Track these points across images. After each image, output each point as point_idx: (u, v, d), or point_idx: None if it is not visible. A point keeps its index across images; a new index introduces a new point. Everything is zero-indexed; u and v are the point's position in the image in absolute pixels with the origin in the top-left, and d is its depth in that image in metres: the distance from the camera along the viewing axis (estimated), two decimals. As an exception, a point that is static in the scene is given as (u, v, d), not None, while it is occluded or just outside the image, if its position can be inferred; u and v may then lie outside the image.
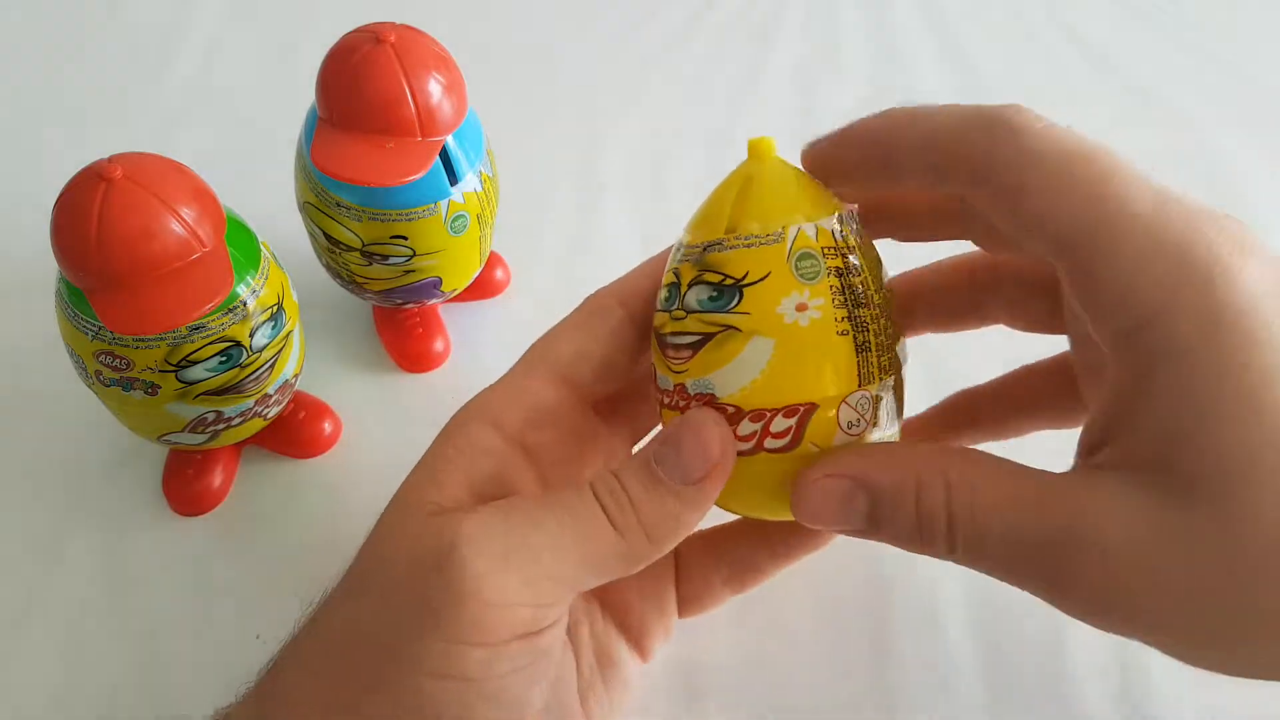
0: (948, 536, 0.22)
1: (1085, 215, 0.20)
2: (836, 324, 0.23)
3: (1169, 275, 0.20)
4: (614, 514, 0.23)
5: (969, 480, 0.22)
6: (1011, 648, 0.32)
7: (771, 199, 0.24)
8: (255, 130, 0.49)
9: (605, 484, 0.23)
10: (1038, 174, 0.21)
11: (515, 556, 0.22)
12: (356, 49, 0.32)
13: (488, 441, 0.25)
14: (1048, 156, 0.21)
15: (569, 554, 0.23)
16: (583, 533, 0.23)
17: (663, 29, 0.58)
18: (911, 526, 0.23)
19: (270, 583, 0.34)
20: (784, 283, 0.23)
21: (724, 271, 0.24)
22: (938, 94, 0.53)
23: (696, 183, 0.49)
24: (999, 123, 0.22)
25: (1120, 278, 0.20)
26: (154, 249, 0.28)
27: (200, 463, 0.36)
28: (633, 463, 0.24)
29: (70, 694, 0.32)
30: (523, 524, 0.23)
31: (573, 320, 0.27)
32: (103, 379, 0.31)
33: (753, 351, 0.23)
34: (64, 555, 0.35)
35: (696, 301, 0.24)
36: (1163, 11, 0.58)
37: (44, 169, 0.35)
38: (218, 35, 0.57)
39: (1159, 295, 0.20)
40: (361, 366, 0.41)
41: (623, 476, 0.23)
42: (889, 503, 0.23)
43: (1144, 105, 0.52)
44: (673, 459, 0.23)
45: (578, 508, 0.23)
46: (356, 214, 0.34)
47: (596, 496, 0.23)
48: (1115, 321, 0.21)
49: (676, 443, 0.23)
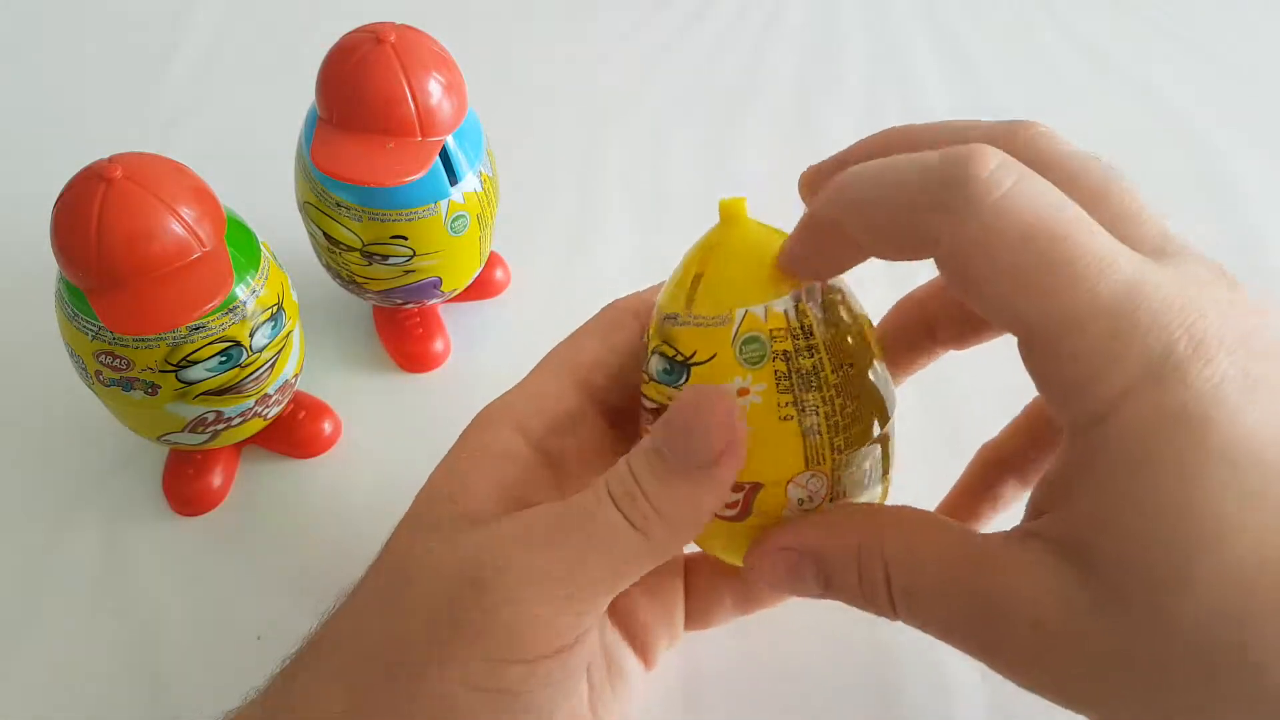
0: (889, 602, 0.22)
1: (1041, 306, 0.20)
2: (780, 409, 0.23)
3: (1125, 375, 0.19)
4: (630, 512, 0.22)
5: (904, 546, 0.22)
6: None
7: (728, 276, 0.24)
8: (255, 130, 0.49)
9: (619, 482, 0.23)
10: (997, 260, 0.20)
11: (551, 570, 0.22)
12: (356, 49, 0.32)
13: (513, 446, 0.25)
14: (1008, 236, 0.19)
15: (598, 561, 0.22)
16: (606, 538, 0.22)
17: (663, 29, 0.58)
18: (856, 593, 0.23)
19: (270, 583, 0.34)
20: (728, 366, 0.23)
21: (677, 347, 0.24)
22: (938, 94, 0.53)
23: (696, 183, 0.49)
24: (957, 196, 0.20)
25: (1076, 371, 0.20)
26: (154, 249, 0.28)
27: (200, 463, 0.36)
28: (641, 452, 0.23)
29: (70, 694, 0.32)
30: (553, 535, 0.22)
31: (591, 329, 0.27)
32: (103, 379, 0.31)
33: None
34: (64, 555, 0.35)
35: (656, 371, 0.25)
36: (1163, 12, 0.58)
37: (44, 169, 0.35)
38: (218, 35, 0.57)
39: (1112, 394, 0.19)
40: (361, 366, 0.41)
41: (634, 468, 0.23)
42: (833, 571, 0.23)
43: (1144, 105, 0.52)
44: (680, 444, 0.23)
45: (597, 512, 0.23)
46: (356, 214, 0.34)
47: (612, 497, 0.23)
48: (1068, 413, 0.20)
49: (681, 426, 0.23)
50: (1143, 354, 0.19)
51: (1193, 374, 0.19)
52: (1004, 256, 0.19)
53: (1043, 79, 0.54)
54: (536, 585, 0.22)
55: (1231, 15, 0.59)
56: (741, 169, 0.49)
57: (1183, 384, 0.19)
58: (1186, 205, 0.47)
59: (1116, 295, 0.19)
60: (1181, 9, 0.59)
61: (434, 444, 0.26)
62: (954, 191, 0.20)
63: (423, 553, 0.23)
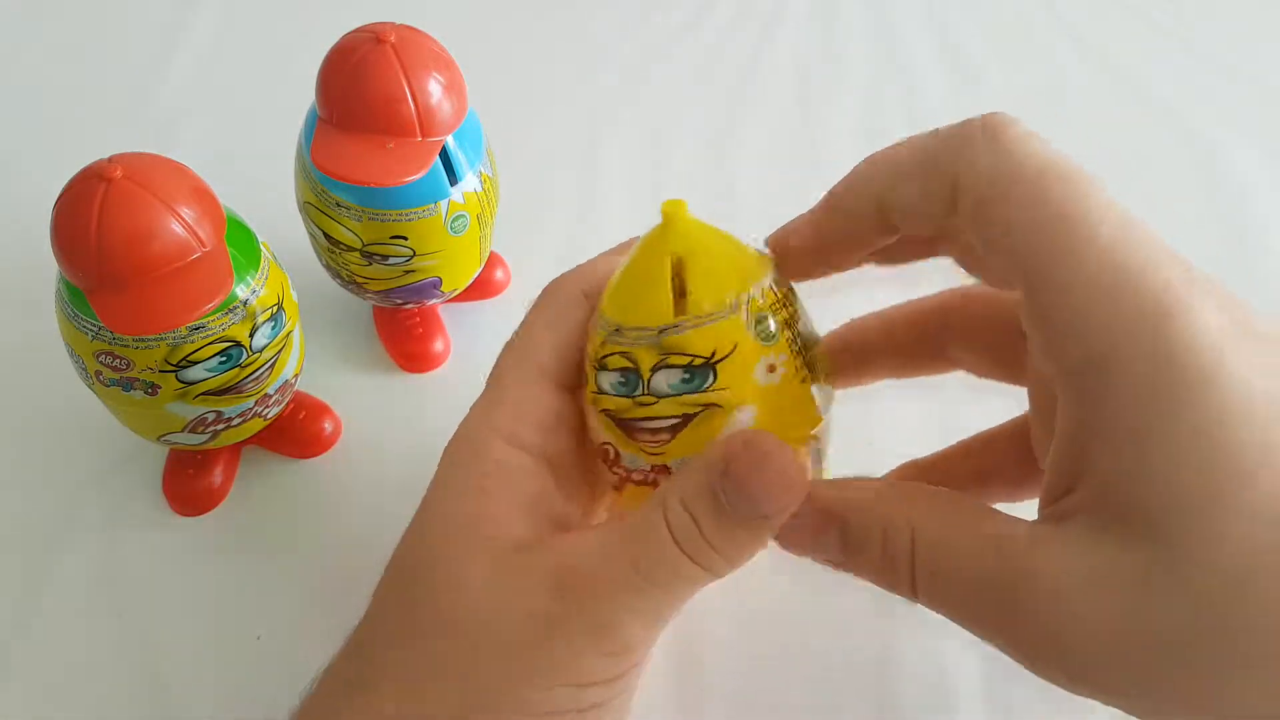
0: (910, 580, 0.22)
1: (1049, 233, 0.20)
2: (797, 373, 0.24)
3: (1123, 312, 0.19)
4: (693, 552, 0.23)
5: (936, 523, 0.22)
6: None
7: (713, 273, 0.24)
8: (255, 130, 0.49)
9: (678, 518, 0.23)
10: (1012, 183, 0.21)
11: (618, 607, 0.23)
12: (356, 49, 0.32)
13: (514, 459, 0.25)
14: (1025, 167, 0.21)
15: (661, 592, 0.23)
16: (670, 570, 0.23)
17: (663, 29, 0.58)
18: (877, 566, 0.23)
19: (270, 583, 0.34)
20: (751, 351, 0.24)
21: (690, 353, 0.23)
22: (938, 93, 0.53)
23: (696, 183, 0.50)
24: (977, 136, 0.21)
25: (1075, 309, 0.20)
26: (154, 249, 0.28)
27: (200, 463, 0.36)
28: (699, 497, 0.23)
29: (70, 694, 0.32)
30: (614, 566, 0.23)
31: (542, 317, 0.27)
32: (103, 379, 0.31)
33: (738, 421, 0.24)
34: (64, 555, 0.35)
35: (668, 385, 0.24)
36: (1163, 12, 0.58)
37: (44, 169, 0.35)
38: (218, 35, 0.57)
39: (1112, 332, 0.19)
40: (361, 366, 0.41)
41: (694, 511, 0.23)
42: (855, 541, 0.23)
43: (1144, 105, 0.52)
44: (739, 495, 0.23)
45: (657, 546, 0.23)
46: (356, 214, 0.34)
47: (670, 531, 0.23)
48: (1067, 355, 0.20)
49: (740, 479, 0.23)
50: (1139, 294, 0.19)
51: (1190, 308, 0.19)
52: (1024, 177, 0.20)
53: (1043, 79, 0.54)
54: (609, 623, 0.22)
55: (1231, 15, 0.59)
56: (741, 169, 0.49)
57: (1179, 321, 0.19)
58: (1187, 205, 0.47)
59: (1117, 232, 0.20)
60: (1181, 9, 0.59)
61: (434, 444, 0.26)
62: (973, 135, 0.21)
63: (470, 588, 0.23)
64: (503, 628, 0.23)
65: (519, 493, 0.24)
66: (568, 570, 0.23)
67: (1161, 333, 0.19)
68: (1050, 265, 0.20)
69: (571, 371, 0.26)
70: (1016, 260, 0.21)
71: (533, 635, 0.22)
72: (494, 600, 0.23)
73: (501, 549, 0.23)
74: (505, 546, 0.23)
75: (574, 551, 0.23)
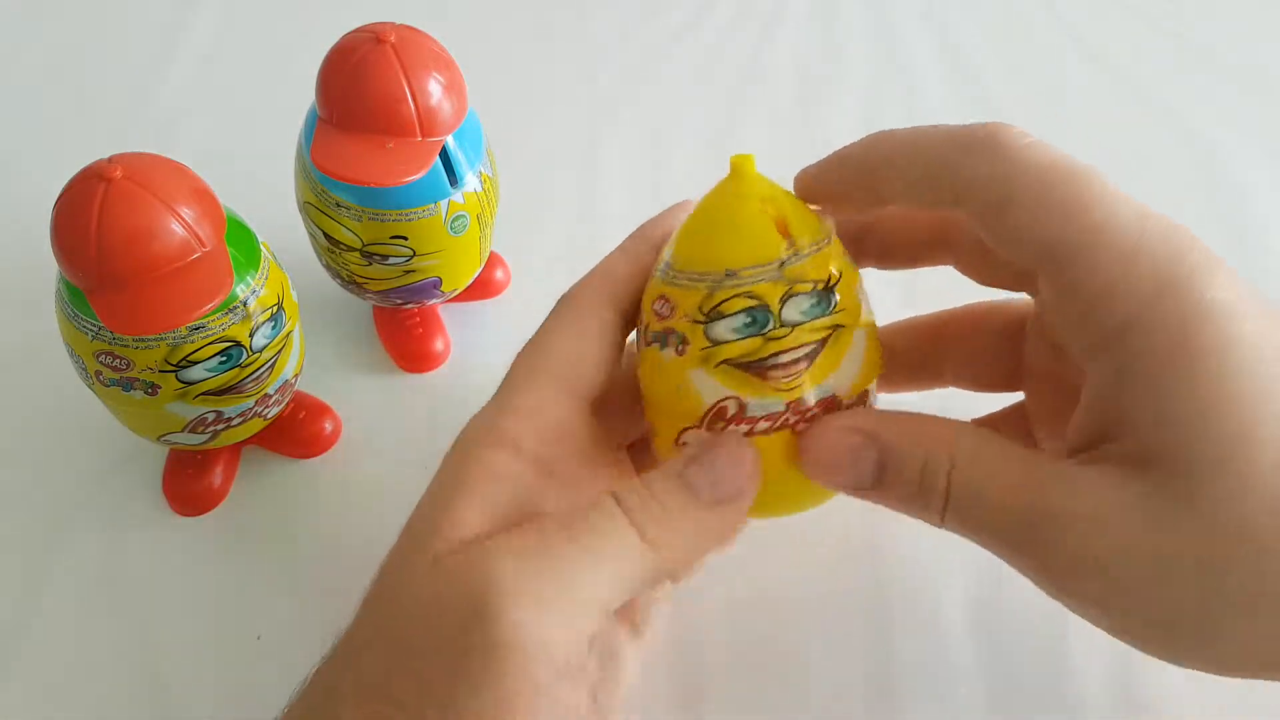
0: (943, 504, 0.23)
1: (1067, 225, 0.22)
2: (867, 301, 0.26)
3: (1148, 280, 0.21)
4: (646, 527, 0.23)
5: (973, 454, 0.23)
6: (1013, 652, 0.32)
7: (805, 210, 0.26)
8: (255, 130, 0.49)
9: (635, 497, 0.23)
10: (1020, 187, 0.22)
11: (549, 592, 0.22)
12: (356, 49, 0.32)
13: (505, 466, 0.24)
14: (1030, 171, 0.22)
15: (602, 576, 0.22)
16: (614, 552, 0.23)
17: (663, 29, 0.58)
18: (913, 490, 0.24)
19: (270, 583, 0.34)
20: (851, 276, 0.26)
21: (812, 279, 0.25)
22: (937, 93, 0.53)
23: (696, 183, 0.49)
24: (982, 140, 0.23)
25: (1102, 284, 0.21)
26: (154, 249, 0.28)
27: (200, 463, 0.36)
28: (663, 475, 0.24)
29: (70, 694, 0.32)
30: (551, 553, 0.22)
31: (562, 324, 0.27)
32: (103, 379, 0.31)
33: (856, 342, 0.25)
34: (64, 555, 0.35)
35: (800, 313, 0.25)
36: (1163, 12, 0.58)
37: (44, 169, 0.35)
38: (218, 35, 0.57)
39: (1139, 299, 0.21)
40: (361, 366, 0.41)
41: (654, 488, 0.23)
42: (895, 464, 0.24)
43: (1144, 105, 0.52)
44: (707, 475, 0.24)
45: (604, 526, 0.23)
46: (356, 214, 0.34)
47: (625, 511, 0.23)
48: (1096, 326, 0.22)
49: (711, 459, 0.24)
50: (1161, 262, 0.21)
51: (1209, 276, 0.21)
52: (1031, 181, 0.22)
53: (1043, 79, 0.54)
54: (536, 612, 0.21)
55: (1231, 15, 0.59)
56: (741, 169, 0.49)
57: (1203, 284, 0.21)
58: (1186, 205, 0.47)
59: (1129, 218, 0.21)
60: (1181, 9, 0.59)
61: (434, 444, 0.26)
62: (984, 142, 0.23)
63: (407, 588, 0.23)
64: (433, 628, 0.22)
65: (490, 496, 0.24)
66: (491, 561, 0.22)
67: (1184, 298, 0.21)
68: (1075, 245, 0.22)
69: (592, 378, 0.26)
70: (1036, 248, 0.22)
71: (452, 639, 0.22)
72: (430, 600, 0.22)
73: (442, 550, 0.23)
74: (445, 547, 0.23)
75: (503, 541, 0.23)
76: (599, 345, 0.26)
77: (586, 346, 0.26)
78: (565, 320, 0.27)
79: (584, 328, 0.26)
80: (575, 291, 0.27)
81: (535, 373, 0.26)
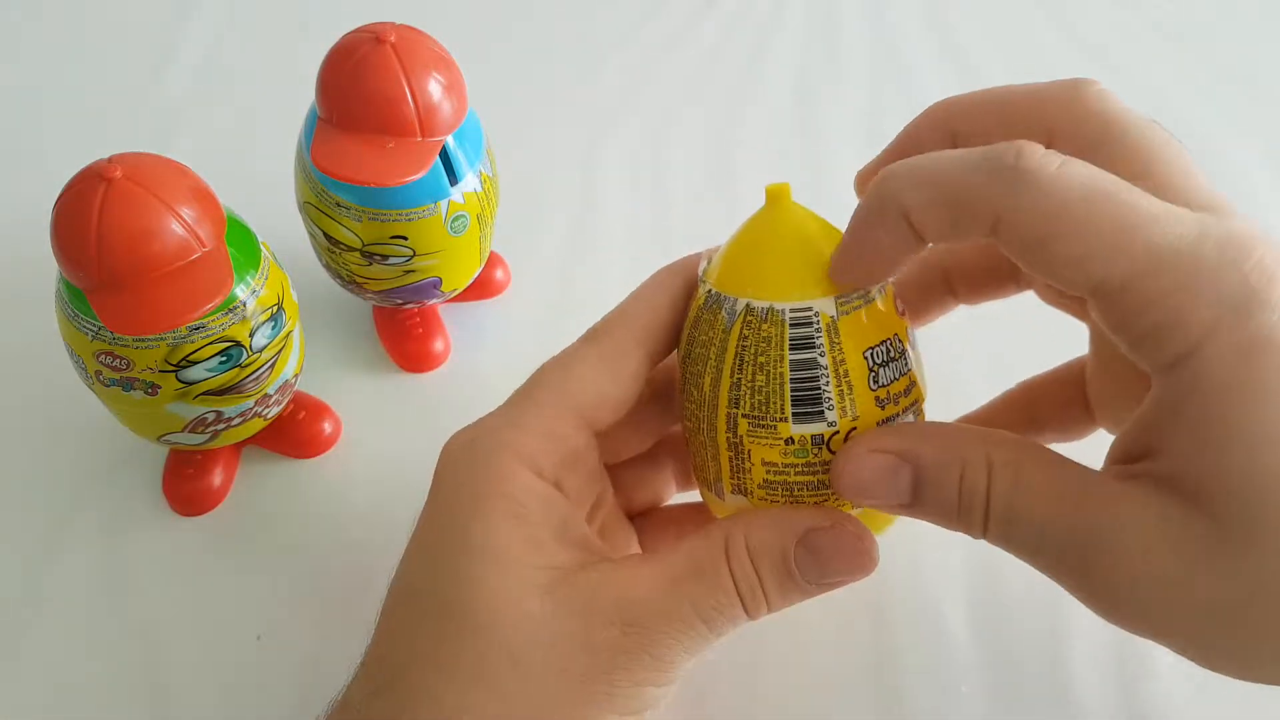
0: (984, 519, 0.23)
1: (1114, 260, 0.20)
2: None
3: (1206, 311, 0.20)
4: (750, 605, 0.24)
5: (1012, 465, 0.22)
6: (1014, 652, 0.32)
7: None
8: (255, 130, 0.49)
9: (744, 574, 0.24)
10: (1060, 222, 0.21)
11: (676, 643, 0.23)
12: (356, 49, 0.32)
13: (531, 483, 0.25)
14: (1069, 202, 0.21)
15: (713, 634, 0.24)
16: (727, 619, 0.24)
17: (663, 29, 0.58)
18: (951, 505, 0.23)
19: (270, 583, 0.34)
20: None
21: None
22: (938, 93, 0.53)
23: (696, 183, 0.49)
24: (1011, 167, 0.21)
25: (1157, 316, 0.20)
26: (154, 249, 0.28)
27: (200, 463, 0.36)
28: (771, 557, 0.24)
29: (70, 694, 0.32)
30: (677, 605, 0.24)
31: (594, 358, 0.26)
32: (103, 379, 0.31)
33: None
34: (64, 555, 0.35)
35: None
36: (1163, 11, 0.58)
37: (44, 169, 0.35)
38: (217, 35, 0.57)
39: (1196, 331, 0.20)
40: (361, 366, 0.41)
41: (759, 567, 0.24)
42: (932, 480, 0.23)
43: (1144, 105, 0.52)
44: (813, 568, 0.24)
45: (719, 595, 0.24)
46: (356, 214, 0.34)
47: (735, 583, 0.24)
48: (1152, 359, 0.21)
49: (820, 553, 0.24)
50: (1218, 290, 0.20)
51: (1272, 302, 0.20)
52: (1068, 219, 0.20)
53: (1043, 79, 0.54)
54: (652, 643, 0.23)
55: (1231, 15, 0.59)
56: (742, 168, 0.49)
57: (1263, 312, 0.20)
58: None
59: (1182, 241, 0.20)
60: (1182, 9, 0.59)
61: (434, 444, 0.26)
62: (1008, 172, 0.21)
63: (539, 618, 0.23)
64: (564, 658, 0.23)
65: (552, 520, 0.24)
66: (631, 604, 0.23)
67: (1242, 328, 0.20)
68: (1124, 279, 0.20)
69: (610, 415, 0.26)
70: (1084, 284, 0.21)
71: (595, 666, 0.23)
72: (555, 631, 0.23)
73: (552, 579, 0.24)
74: (555, 576, 0.24)
75: (635, 584, 0.24)
76: (627, 388, 0.26)
77: (616, 390, 0.26)
78: (598, 354, 0.26)
79: (617, 369, 0.26)
80: (613, 327, 0.27)
81: (562, 402, 0.26)
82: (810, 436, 0.24)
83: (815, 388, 0.24)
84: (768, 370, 0.24)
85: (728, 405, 0.25)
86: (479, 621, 0.23)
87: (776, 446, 0.24)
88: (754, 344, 0.24)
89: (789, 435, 0.24)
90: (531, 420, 0.25)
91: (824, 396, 0.24)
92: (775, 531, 0.24)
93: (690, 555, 0.24)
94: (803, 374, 0.24)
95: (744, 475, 0.25)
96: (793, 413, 0.24)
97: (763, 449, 0.24)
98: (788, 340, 0.24)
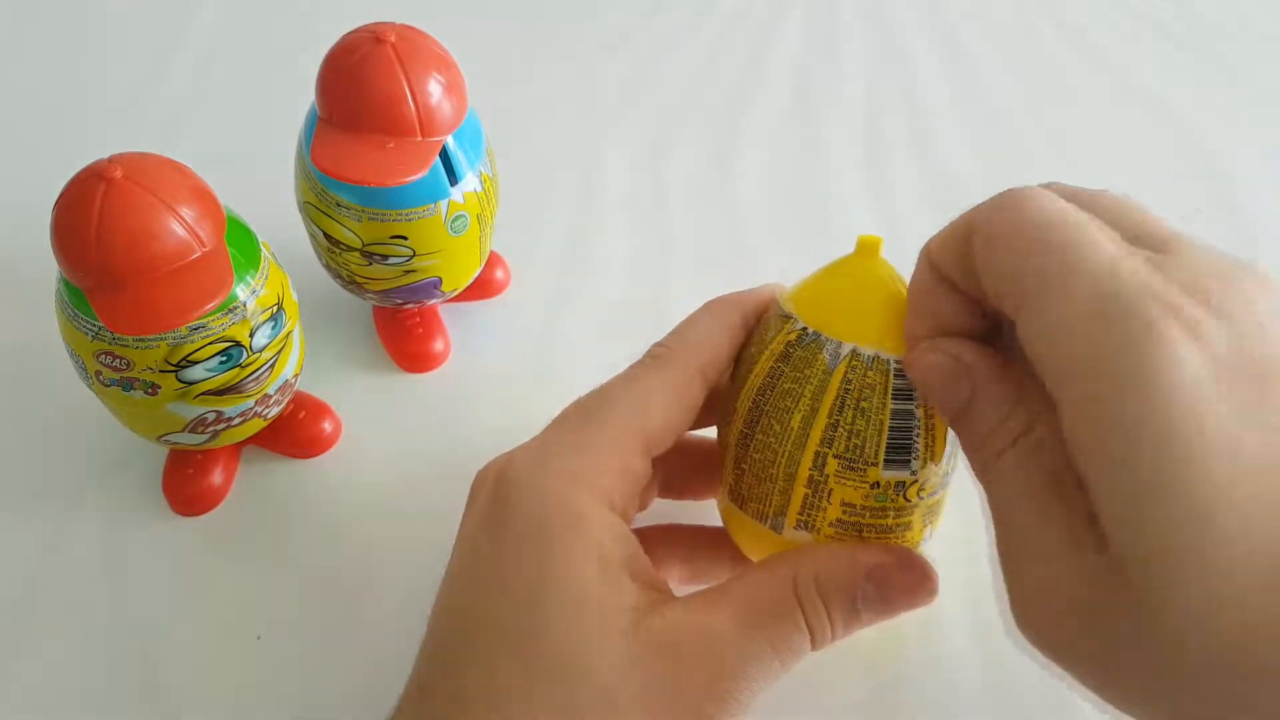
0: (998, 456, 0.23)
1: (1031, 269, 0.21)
2: None
3: (1103, 339, 0.19)
4: (816, 633, 0.25)
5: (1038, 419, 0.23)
6: (1015, 654, 0.32)
7: None
8: (255, 130, 0.49)
9: (816, 614, 0.25)
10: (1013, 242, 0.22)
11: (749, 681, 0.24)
12: (356, 49, 0.32)
13: (618, 527, 0.25)
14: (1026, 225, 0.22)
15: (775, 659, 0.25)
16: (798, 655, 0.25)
17: (663, 29, 0.58)
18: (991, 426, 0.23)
19: (270, 583, 0.34)
20: None
21: None
22: (938, 93, 0.53)
23: (696, 183, 0.49)
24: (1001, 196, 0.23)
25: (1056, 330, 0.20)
26: (154, 249, 0.28)
27: (200, 463, 0.36)
28: (841, 593, 0.25)
29: (70, 694, 0.32)
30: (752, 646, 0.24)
31: (665, 384, 0.27)
32: (103, 379, 0.31)
33: None
34: (64, 555, 0.35)
35: None
36: (1163, 12, 0.58)
37: (44, 169, 0.35)
38: (218, 35, 0.57)
39: (1089, 358, 0.19)
40: (361, 366, 0.41)
41: (831, 609, 0.25)
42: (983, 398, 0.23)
43: (1144, 105, 0.52)
44: (879, 600, 0.25)
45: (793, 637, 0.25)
46: (356, 214, 0.34)
47: (807, 622, 0.25)
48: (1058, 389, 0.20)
49: (888, 587, 0.25)
50: (1121, 323, 0.19)
51: (1169, 347, 0.19)
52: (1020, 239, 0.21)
53: (1043, 79, 0.54)
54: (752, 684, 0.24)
55: (1231, 15, 0.59)
56: (741, 169, 0.49)
57: (1160, 357, 0.19)
58: (1186, 205, 0.47)
59: (1107, 266, 0.20)
60: (1181, 9, 0.59)
61: (434, 444, 0.26)
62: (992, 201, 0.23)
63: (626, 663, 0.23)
64: (657, 703, 0.23)
65: (626, 557, 0.25)
66: (714, 648, 0.24)
67: (1137, 368, 0.19)
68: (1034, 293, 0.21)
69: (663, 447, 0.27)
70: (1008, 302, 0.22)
71: (686, 709, 0.23)
72: (646, 675, 0.23)
73: (633, 622, 0.24)
74: (634, 619, 0.24)
75: (715, 626, 0.24)
76: (689, 419, 0.27)
77: (682, 421, 0.27)
78: (671, 384, 0.27)
79: (684, 399, 0.27)
80: (679, 355, 0.27)
81: (635, 433, 0.26)
82: (894, 483, 0.25)
83: (909, 438, 0.25)
84: (869, 415, 0.25)
85: (819, 444, 0.25)
86: (566, 663, 0.23)
87: (861, 489, 0.25)
88: (858, 388, 0.25)
89: (876, 479, 0.25)
90: (606, 451, 0.26)
91: (914, 446, 0.25)
92: (845, 568, 0.25)
93: (761, 594, 0.25)
94: (900, 423, 0.25)
95: (816, 512, 0.26)
96: (885, 459, 0.25)
97: (846, 489, 0.25)
98: (891, 389, 0.25)
